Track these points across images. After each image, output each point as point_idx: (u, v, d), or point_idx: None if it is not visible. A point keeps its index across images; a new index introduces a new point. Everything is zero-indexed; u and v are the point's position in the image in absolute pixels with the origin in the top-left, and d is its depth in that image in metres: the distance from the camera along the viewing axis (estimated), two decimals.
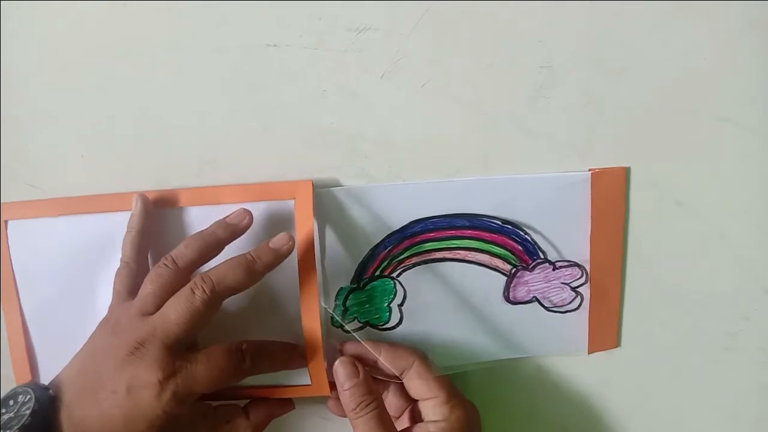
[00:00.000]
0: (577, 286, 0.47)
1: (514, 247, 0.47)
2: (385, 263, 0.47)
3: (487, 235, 0.46)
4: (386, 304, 0.47)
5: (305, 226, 0.45)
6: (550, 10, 0.43)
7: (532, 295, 0.48)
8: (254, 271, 0.41)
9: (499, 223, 0.46)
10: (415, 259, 0.47)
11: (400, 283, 0.47)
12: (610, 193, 0.45)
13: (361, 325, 0.48)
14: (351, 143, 0.45)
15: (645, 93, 0.44)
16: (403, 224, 0.46)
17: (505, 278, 0.47)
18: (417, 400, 0.45)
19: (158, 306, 0.40)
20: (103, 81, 0.44)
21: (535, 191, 0.45)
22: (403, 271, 0.47)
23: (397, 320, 0.48)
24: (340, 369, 0.44)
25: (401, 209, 0.46)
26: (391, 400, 0.46)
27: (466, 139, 0.45)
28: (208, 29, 0.43)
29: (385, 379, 0.46)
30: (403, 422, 0.46)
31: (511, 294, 0.48)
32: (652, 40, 0.43)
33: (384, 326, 0.48)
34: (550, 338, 0.49)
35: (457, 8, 0.42)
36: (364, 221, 0.46)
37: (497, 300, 0.48)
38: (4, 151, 0.46)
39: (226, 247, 0.44)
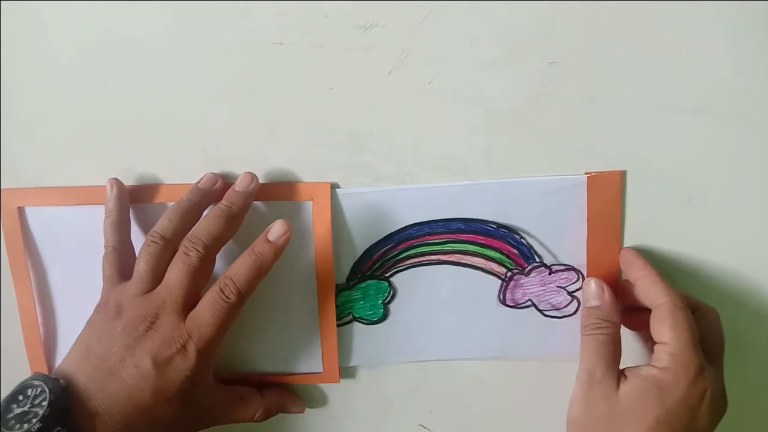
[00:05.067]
0: (574, 291, 0.48)
1: (509, 250, 0.47)
2: (378, 264, 0.47)
3: (482, 238, 0.47)
4: (380, 302, 0.48)
5: (323, 226, 0.46)
6: (557, 7, 0.43)
7: (527, 299, 0.48)
8: (232, 215, 0.43)
9: (495, 226, 0.46)
10: (409, 261, 0.47)
11: (390, 283, 0.48)
12: (607, 197, 0.45)
13: (351, 319, 0.49)
14: (357, 141, 0.45)
15: (653, 90, 0.44)
16: (399, 227, 0.47)
17: (501, 281, 0.48)
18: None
19: (156, 281, 0.42)
20: (107, 81, 0.45)
21: (530, 195, 0.46)
22: (396, 272, 0.47)
23: (381, 316, 0.49)
24: (587, 287, 0.45)
25: (398, 212, 0.46)
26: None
27: (473, 136, 0.45)
28: (212, 28, 0.43)
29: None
30: None
31: (506, 297, 0.48)
32: (660, 36, 0.43)
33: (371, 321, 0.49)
34: (547, 342, 0.49)
35: (464, 4, 0.42)
36: (361, 222, 0.47)
37: (492, 303, 0.48)
38: (11, 153, 0.46)
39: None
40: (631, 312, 0.45)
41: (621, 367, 0.43)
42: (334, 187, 0.46)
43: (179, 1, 0.43)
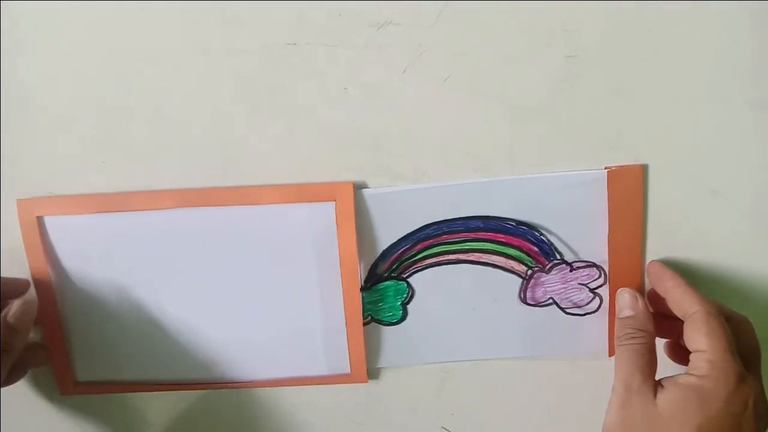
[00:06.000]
0: (596, 287, 0.47)
1: (529, 248, 0.46)
2: (396, 264, 0.47)
3: (501, 236, 0.46)
4: (399, 303, 0.48)
5: (347, 227, 0.46)
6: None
7: (548, 297, 0.47)
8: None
9: (514, 224, 0.46)
10: (427, 261, 0.47)
11: (409, 283, 0.47)
12: (628, 192, 0.45)
13: (370, 320, 0.49)
14: (374, 141, 0.45)
15: (675, 81, 0.43)
16: (417, 226, 0.46)
17: (521, 280, 0.47)
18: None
19: None
20: (122, 85, 0.44)
21: (550, 191, 0.45)
22: (415, 272, 0.47)
23: (400, 317, 0.48)
24: (621, 297, 0.45)
25: (415, 211, 0.46)
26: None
27: (492, 133, 0.44)
28: (226, 30, 0.43)
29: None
30: None
31: (527, 296, 0.47)
32: (681, 26, 0.42)
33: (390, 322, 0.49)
34: (570, 340, 0.48)
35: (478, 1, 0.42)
36: (379, 223, 0.46)
37: (513, 301, 0.48)
38: (25, 161, 0.46)
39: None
40: (658, 319, 0.45)
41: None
42: (356, 187, 0.46)
43: (192, 3, 0.42)
